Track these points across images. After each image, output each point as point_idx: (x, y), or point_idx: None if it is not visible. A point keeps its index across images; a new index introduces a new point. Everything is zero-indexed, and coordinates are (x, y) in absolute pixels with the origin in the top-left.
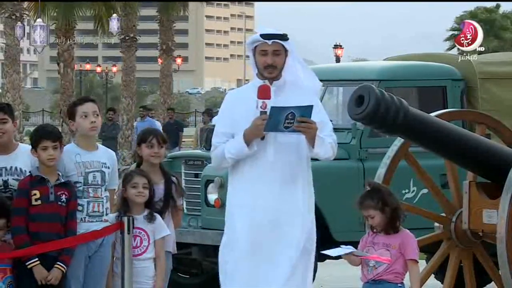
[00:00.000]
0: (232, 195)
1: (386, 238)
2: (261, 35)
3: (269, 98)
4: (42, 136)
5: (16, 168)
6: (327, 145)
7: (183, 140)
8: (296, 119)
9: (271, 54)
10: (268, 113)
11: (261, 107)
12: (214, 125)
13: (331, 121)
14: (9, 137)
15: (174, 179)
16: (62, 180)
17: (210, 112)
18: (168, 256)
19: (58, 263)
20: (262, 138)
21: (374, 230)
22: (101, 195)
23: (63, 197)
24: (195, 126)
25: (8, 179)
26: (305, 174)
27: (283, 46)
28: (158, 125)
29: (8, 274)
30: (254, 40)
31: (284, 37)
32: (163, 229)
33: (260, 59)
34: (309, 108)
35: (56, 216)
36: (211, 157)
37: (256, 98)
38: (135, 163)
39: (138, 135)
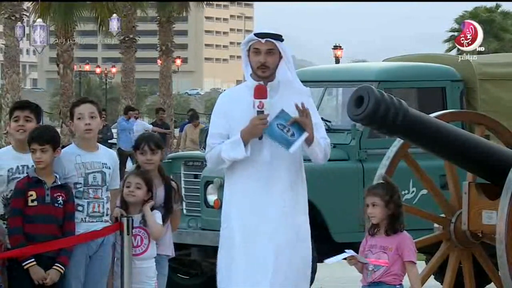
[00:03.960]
0: (228, 195)
1: (383, 241)
2: (255, 34)
3: (265, 97)
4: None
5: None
6: (321, 146)
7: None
8: (288, 124)
9: (264, 53)
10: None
11: (258, 106)
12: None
13: (330, 122)
14: None
15: (174, 184)
16: (59, 183)
17: (194, 116)
18: (165, 260)
19: (56, 264)
20: (260, 137)
21: (371, 232)
22: (101, 195)
23: (60, 199)
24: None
25: None
26: (299, 174)
27: (276, 46)
28: (136, 126)
29: None
30: (249, 40)
31: (278, 37)
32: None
33: (254, 58)
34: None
35: (52, 218)
36: (207, 158)
37: (251, 99)
38: (135, 165)
39: (135, 141)
